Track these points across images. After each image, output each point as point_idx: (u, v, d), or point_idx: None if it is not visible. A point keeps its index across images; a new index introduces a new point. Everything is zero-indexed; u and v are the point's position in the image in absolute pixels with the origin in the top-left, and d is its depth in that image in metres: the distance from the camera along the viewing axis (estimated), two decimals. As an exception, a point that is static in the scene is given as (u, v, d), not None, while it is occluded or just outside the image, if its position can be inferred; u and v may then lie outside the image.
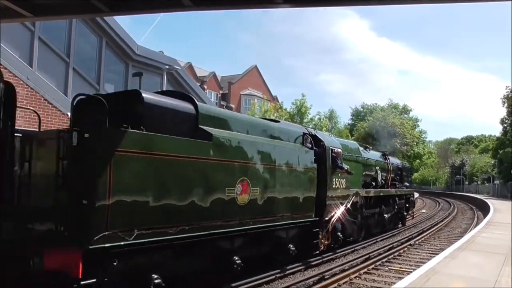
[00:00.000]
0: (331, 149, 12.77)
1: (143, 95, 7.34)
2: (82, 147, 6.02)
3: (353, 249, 14.66)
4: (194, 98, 8.65)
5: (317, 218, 11.80)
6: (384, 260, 13.26)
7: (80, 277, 5.72)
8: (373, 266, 12.32)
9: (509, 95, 58.55)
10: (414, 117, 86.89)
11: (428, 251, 15.32)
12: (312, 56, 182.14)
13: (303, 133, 12.26)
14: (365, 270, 11.76)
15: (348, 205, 13.74)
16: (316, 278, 10.54)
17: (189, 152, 7.46)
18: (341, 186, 13.27)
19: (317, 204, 11.77)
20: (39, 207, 6.41)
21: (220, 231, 8.16)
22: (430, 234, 20.34)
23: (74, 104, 6.70)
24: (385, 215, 18.82)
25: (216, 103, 45.43)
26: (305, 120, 45.95)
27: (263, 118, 14.00)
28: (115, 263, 6.27)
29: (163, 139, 7.04)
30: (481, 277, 8.18)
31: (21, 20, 9.99)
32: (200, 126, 8.09)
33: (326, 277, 10.69)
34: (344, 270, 11.56)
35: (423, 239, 18.52)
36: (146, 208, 6.61)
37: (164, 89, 19.22)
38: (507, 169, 56.40)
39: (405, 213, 22.81)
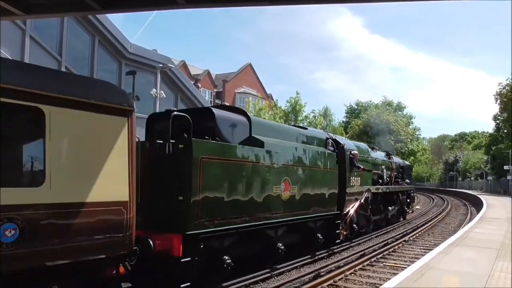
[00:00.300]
0: (349, 151, 14.67)
1: (214, 111, 9.34)
2: (176, 154, 7.78)
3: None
4: (246, 111, 10.83)
5: (338, 212, 13.64)
6: (379, 256, 13.31)
7: (180, 255, 7.54)
8: (368, 262, 12.36)
9: (502, 92, 58.99)
10: (408, 114, 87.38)
11: (422, 247, 15.40)
12: (307, 54, 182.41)
13: (326, 137, 13.88)
14: (360, 266, 11.80)
15: (362, 200, 15.52)
16: (312, 275, 10.56)
17: (249, 157, 9.30)
18: (357, 184, 15.12)
19: (338, 199, 13.54)
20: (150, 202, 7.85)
21: (270, 221, 10.06)
22: (424, 230, 20.44)
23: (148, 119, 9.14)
24: (390, 209, 20.38)
25: (210, 101, 45.32)
26: (299, 118, 46.00)
27: (296, 126, 15.93)
28: (201, 246, 8.07)
29: (232, 147, 8.96)
30: (474, 272, 8.24)
31: (12, 18, 9.92)
32: (252, 135, 9.83)
33: (321, 274, 10.71)
34: (339, 267, 11.60)
35: (417, 235, 18.61)
36: (222, 203, 8.43)
37: (158, 87, 19.16)
38: (500, 165, 56.85)
39: (406, 208, 24.66)
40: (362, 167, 15.19)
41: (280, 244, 10.51)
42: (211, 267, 8.58)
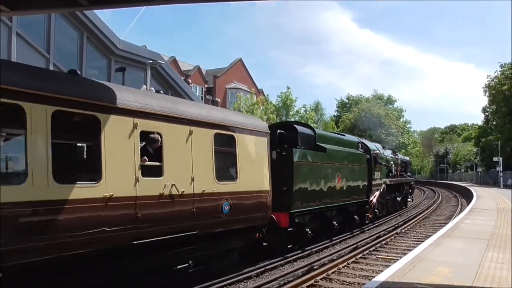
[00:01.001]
0: (373, 151, 19.02)
1: (296, 127, 13.38)
2: (282, 159, 11.65)
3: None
4: (312, 126, 16.12)
5: (366, 199, 17.79)
6: (371, 249, 13.41)
7: (287, 226, 11.56)
8: (361, 255, 12.45)
9: (491, 84, 59.49)
10: (399, 107, 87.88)
11: (414, 239, 15.54)
12: (297, 48, 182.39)
13: (357, 141, 18.51)
14: (353, 259, 11.88)
15: (381, 190, 19.68)
16: (305, 268, 10.62)
17: (319, 160, 13.54)
18: (378, 177, 19.45)
19: (366, 190, 17.68)
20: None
21: (329, 205, 14.31)
22: (416, 222, 20.63)
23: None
24: (398, 198, 24.97)
25: (201, 97, 45.12)
26: (291, 113, 45.98)
27: (336, 133, 21.16)
28: (296, 220, 12.01)
29: (311, 153, 13.20)
30: (465, 262, 8.33)
31: (-2, 15, 9.78)
32: (317, 143, 13.82)
33: (315, 267, 10.77)
34: (332, 260, 11.67)
35: (409, 227, 18.78)
36: (306, 192, 12.54)
37: (148, 84, 19.01)
38: (489, 156, 57.47)
39: (408, 196, 29.37)
40: (383, 163, 19.92)
41: (335, 222, 14.75)
42: (300, 235, 12.64)
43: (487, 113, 67.06)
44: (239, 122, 9.75)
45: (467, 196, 34.88)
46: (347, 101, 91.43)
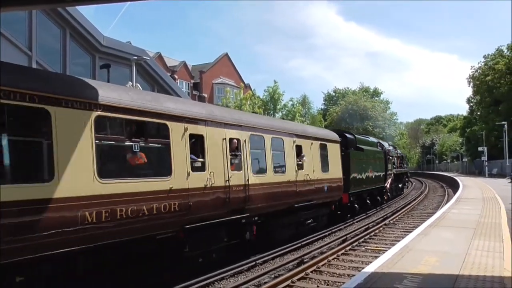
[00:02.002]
0: (386, 148, 26.43)
1: (345, 134, 19.39)
2: (344, 156, 17.25)
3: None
4: (352, 132, 21.93)
5: (384, 185, 24.44)
6: (360, 240, 13.53)
7: (347, 202, 17.79)
8: (350, 247, 12.55)
9: (474, 75, 60.23)
10: (385, 99, 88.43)
11: (402, 230, 15.72)
12: (282, 42, 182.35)
13: (376, 141, 25.76)
14: (343, 251, 11.98)
15: (392, 178, 26.95)
16: (296, 262, 10.67)
17: (361, 157, 19.86)
18: (389, 169, 26.28)
19: (384, 178, 24.33)
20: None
21: (366, 189, 20.60)
22: (404, 213, 20.87)
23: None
24: (399, 185, 32.21)
25: (188, 92, 44.82)
26: (278, 107, 45.96)
27: (364, 136, 26.31)
28: (351, 199, 18.13)
29: (358, 152, 19.71)
30: (452, 251, 8.45)
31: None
32: (357, 145, 20.05)
33: (305, 260, 10.83)
34: (322, 253, 11.76)
35: (397, 218, 18.99)
36: (356, 179, 18.76)
37: (134, 80, 18.80)
38: (474, 146, 58.28)
39: (405, 184, 37.52)
40: (394, 157, 28.68)
41: (368, 201, 21.17)
42: (352, 210, 18.81)
43: (471, 104, 68.00)
44: (327, 135, 16.42)
45: (453, 186, 35.38)
46: (334, 94, 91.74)
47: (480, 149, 52.33)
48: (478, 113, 64.05)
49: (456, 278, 6.47)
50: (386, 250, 9.35)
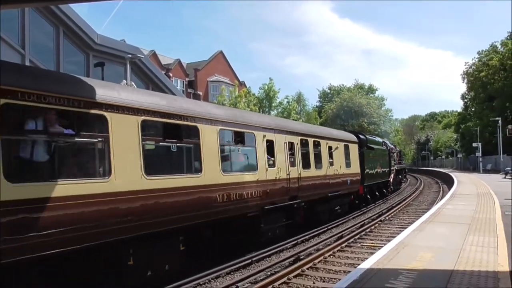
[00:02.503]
0: (389, 146, 30.24)
1: (359, 135, 22.59)
2: (360, 153, 20.57)
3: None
4: (364, 133, 26.01)
5: (388, 179, 27.75)
6: (356, 237, 13.57)
7: (363, 193, 21.25)
8: (346, 243, 12.59)
9: (469, 71, 60.47)
10: (380, 96, 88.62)
11: (397, 226, 15.78)
12: (277, 40, 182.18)
13: (382, 141, 29.37)
14: (339, 248, 12.01)
15: (394, 173, 30.14)
16: (292, 259, 10.69)
17: (371, 155, 23.09)
18: (392, 165, 29.59)
19: (388, 173, 27.60)
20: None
21: (376, 182, 23.95)
22: (399, 209, 20.96)
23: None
24: (398, 179, 36.11)
25: (183, 90, 44.69)
26: (273, 104, 45.93)
27: (371, 136, 29.65)
28: (365, 190, 21.71)
29: (370, 151, 23.10)
30: (447, 247, 8.49)
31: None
32: (368, 144, 23.17)
33: (301, 257, 10.85)
34: (318, 250, 11.77)
35: (392, 214, 19.06)
36: (368, 174, 22.00)
37: (128, 79, 18.72)
38: (469, 142, 58.57)
39: (403, 179, 41.28)
40: (394, 154, 32.11)
41: (376, 192, 24.29)
42: (365, 200, 22.14)
43: (466, 100, 68.28)
44: (349, 137, 19.87)
45: (448, 182, 35.53)
46: (329, 91, 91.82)
47: (474, 145, 52.59)
48: (473, 109, 64.37)
49: (451, 274, 6.50)
50: (382, 247, 9.37)
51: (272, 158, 12.11)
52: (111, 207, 6.93)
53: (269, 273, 9.57)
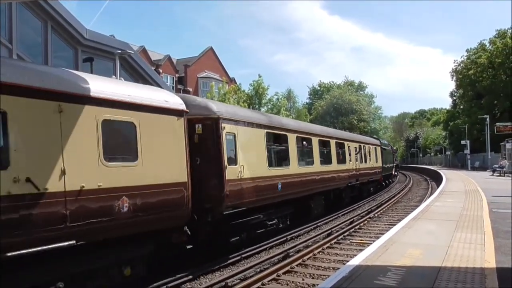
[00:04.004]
0: (390, 146, 44.06)
1: (378, 139, 34.77)
2: (380, 153, 30.26)
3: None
4: (378, 138, 40.22)
5: (391, 172, 37.82)
6: (345, 234, 13.64)
7: (381, 181, 31.37)
8: (335, 240, 12.64)
9: (457, 69, 60.96)
10: (370, 93, 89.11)
11: (386, 223, 15.89)
12: (268, 37, 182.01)
13: (387, 143, 41.54)
14: (328, 245, 12.05)
15: (394, 168, 41.07)
16: (281, 255, 10.70)
17: (385, 154, 32.90)
18: (394, 161, 41.73)
19: (392, 168, 38.66)
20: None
21: (387, 174, 34.26)
22: (388, 206, 21.10)
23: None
24: (394, 173, 41.77)
25: (173, 87, 44.43)
26: (263, 101, 45.85)
27: (379, 139, 35.63)
28: (383, 178, 32.03)
29: (384, 150, 32.83)
30: (435, 243, 8.56)
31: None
32: (381, 146, 31.59)
33: (290, 254, 10.87)
34: (307, 246, 11.81)
35: (382, 211, 19.18)
36: (384, 167, 31.00)
37: (118, 74, 18.54)
38: (457, 140, 59.07)
39: (396, 173, 47.29)
40: (395, 153, 47.35)
41: (386, 181, 34.24)
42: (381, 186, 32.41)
43: (454, 98, 68.85)
44: (374, 141, 29.44)
45: (437, 179, 35.88)
46: (319, 88, 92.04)
47: (463, 142, 53.03)
48: (461, 107, 64.90)
49: (439, 270, 6.56)
50: (371, 243, 9.43)
51: (350, 156, 21.27)
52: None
53: (258, 269, 9.58)
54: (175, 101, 8.55)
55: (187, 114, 8.74)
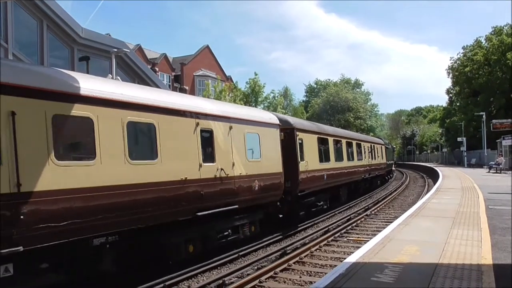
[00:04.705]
0: (391, 145, 52.25)
1: (382, 139, 43.63)
2: (384, 151, 36.87)
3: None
4: (381, 138, 51.92)
5: (392, 168, 45.90)
6: (342, 231, 13.68)
7: (385, 176, 37.42)
8: (332, 238, 12.68)
9: (454, 66, 61.09)
10: (366, 91, 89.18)
11: (383, 220, 15.94)
12: (264, 35, 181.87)
13: (388, 142, 49.69)
14: (325, 242, 12.09)
15: (394, 163, 52.28)
16: (279, 253, 10.74)
17: (389, 152, 43.70)
18: (393, 157, 55.17)
19: (393, 163, 49.06)
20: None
21: (389, 169, 42.37)
22: (385, 203, 21.16)
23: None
24: (393, 169, 48.41)
25: (169, 85, 44.32)
26: (259, 99, 45.83)
27: (382, 138, 47.78)
28: (392, 170, 45.47)
29: (389, 149, 43.16)
30: (432, 240, 8.60)
31: None
32: (385, 145, 38.91)
33: (288, 251, 10.90)
34: (305, 244, 11.84)
35: (378, 209, 19.24)
36: (387, 163, 38.29)
37: (114, 73, 18.47)
38: (454, 137, 59.24)
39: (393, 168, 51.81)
40: (394, 151, 59.60)
41: (390, 175, 42.50)
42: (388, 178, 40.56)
43: (451, 95, 68.95)
44: (381, 141, 36.84)
45: (434, 176, 35.97)
46: (315, 85, 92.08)
47: (459, 139, 53.20)
48: (457, 104, 65.03)
49: (435, 267, 6.59)
50: (368, 241, 9.45)
51: (364, 154, 25.72)
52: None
53: (256, 267, 9.61)
54: (274, 118, 13.25)
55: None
